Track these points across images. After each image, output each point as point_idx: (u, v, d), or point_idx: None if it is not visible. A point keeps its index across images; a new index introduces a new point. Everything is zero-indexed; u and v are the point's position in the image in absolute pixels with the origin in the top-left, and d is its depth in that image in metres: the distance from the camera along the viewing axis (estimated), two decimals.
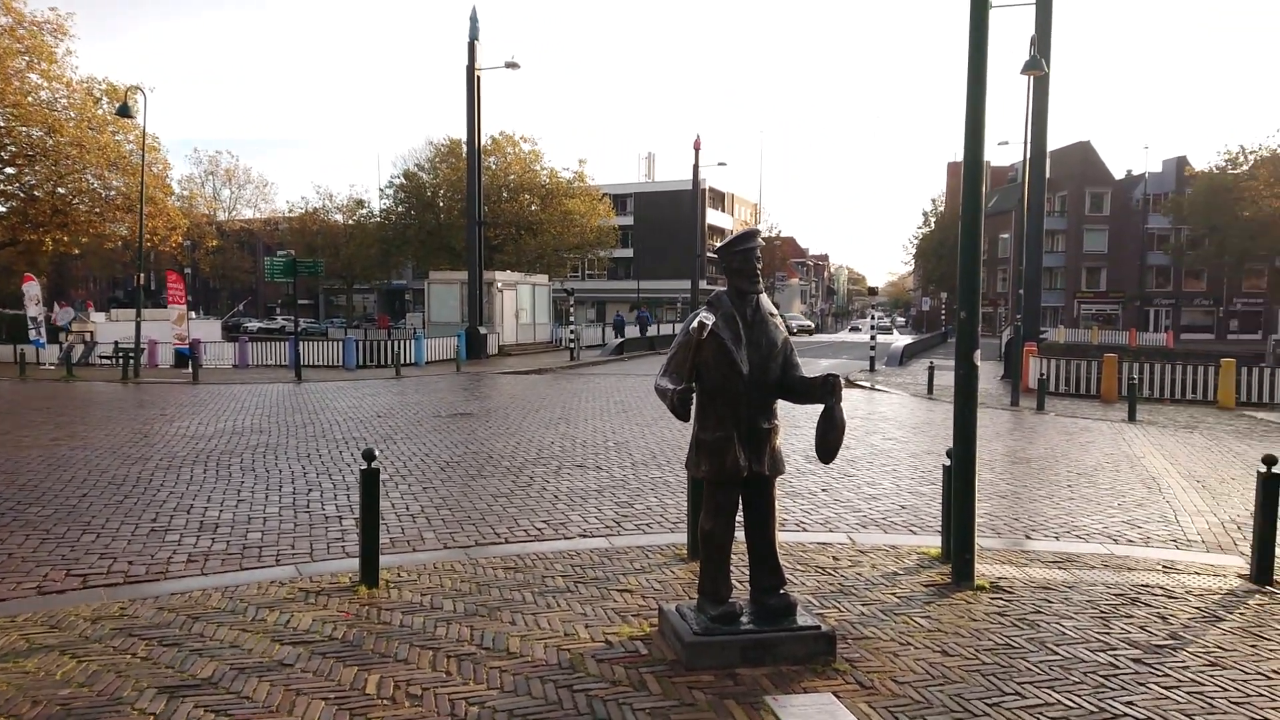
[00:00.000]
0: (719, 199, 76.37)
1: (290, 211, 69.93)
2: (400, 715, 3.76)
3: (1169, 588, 5.95)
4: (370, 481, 5.46)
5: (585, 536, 6.98)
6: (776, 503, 4.69)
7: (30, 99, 30.76)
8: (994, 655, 4.66)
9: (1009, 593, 5.74)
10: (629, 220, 71.29)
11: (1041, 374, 18.74)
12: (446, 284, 33.98)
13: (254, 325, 64.01)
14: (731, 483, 4.49)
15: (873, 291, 30.24)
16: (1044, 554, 6.77)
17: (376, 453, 5.54)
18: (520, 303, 34.54)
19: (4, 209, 34.48)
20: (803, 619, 4.60)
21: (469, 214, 31.88)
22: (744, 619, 4.57)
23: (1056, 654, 4.69)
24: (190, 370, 23.98)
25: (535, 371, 25.29)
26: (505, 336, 33.10)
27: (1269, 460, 6.08)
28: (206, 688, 4.00)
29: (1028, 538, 7.32)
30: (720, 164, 52.36)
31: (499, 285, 33.04)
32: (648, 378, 23.08)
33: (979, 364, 5.94)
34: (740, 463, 4.44)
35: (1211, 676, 4.43)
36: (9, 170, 32.84)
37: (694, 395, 4.32)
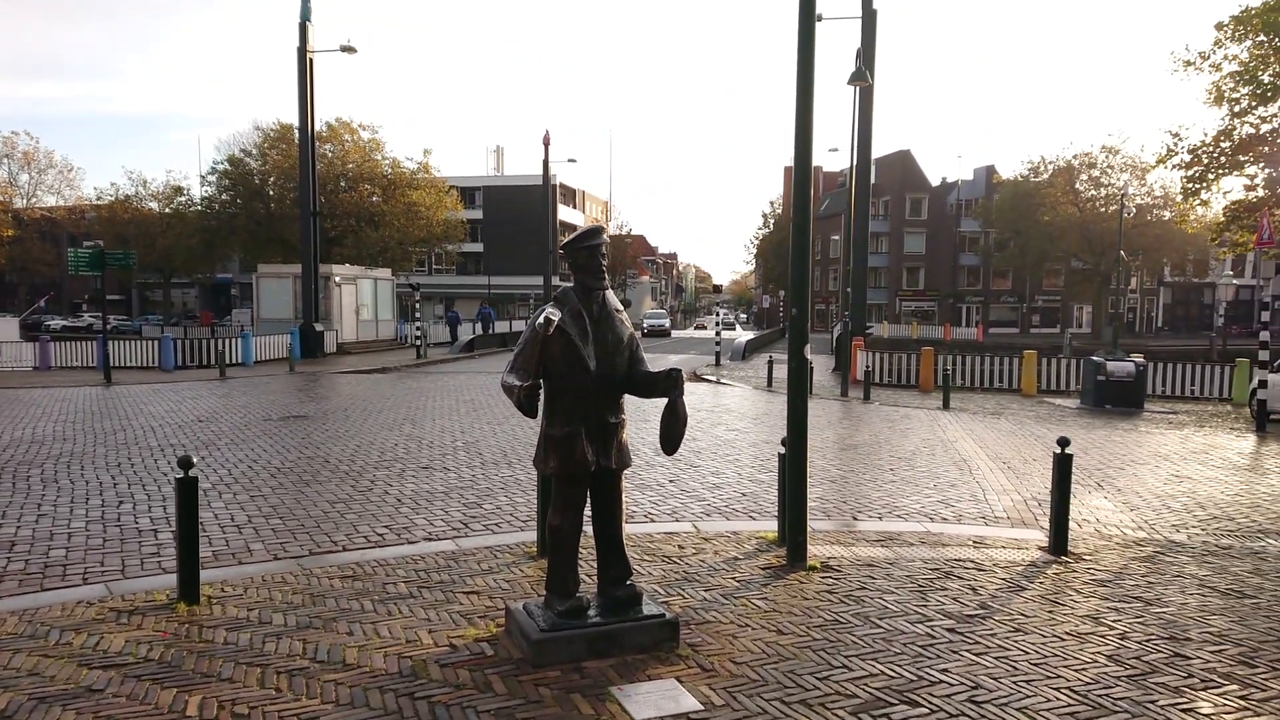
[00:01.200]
0: (570, 195, 76.40)
1: (99, 199, 63.94)
2: None
3: (979, 561, 6.49)
4: (187, 491, 5.10)
5: (431, 540, 6.81)
6: (624, 495, 4.75)
7: None
8: (824, 631, 4.92)
9: (838, 571, 6.09)
10: (478, 214, 70.02)
11: (868, 366, 19.94)
12: (278, 278, 32.17)
13: (57, 323, 58.26)
14: (580, 478, 4.52)
15: (717, 289, 31.43)
16: (869, 533, 7.22)
17: (195, 460, 5.17)
18: (361, 298, 33.19)
19: None
20: (648, 608, 4.69)
21: (302, 204, 30.33)
22: (591, 612, 4.60)
23: (880, 627, 5.02)
24: None
25: (378, 370, 24.40)
26: (345, 334, 31.72)
27: (1063, 442, 6.75)
28: None
29: (855, 519, 7.78)
30: (570, 160, 52.35)
31: (337, 279, 31.61)
32: (499, 375, 22.77)
33: (810, 358, 6.25)
34: (588, 458, 4.47)
35: (1016, 641, 4.88)
36: None
37: (541, 391, 4.30)
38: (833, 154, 66.41)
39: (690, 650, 4.58)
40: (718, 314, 31.15)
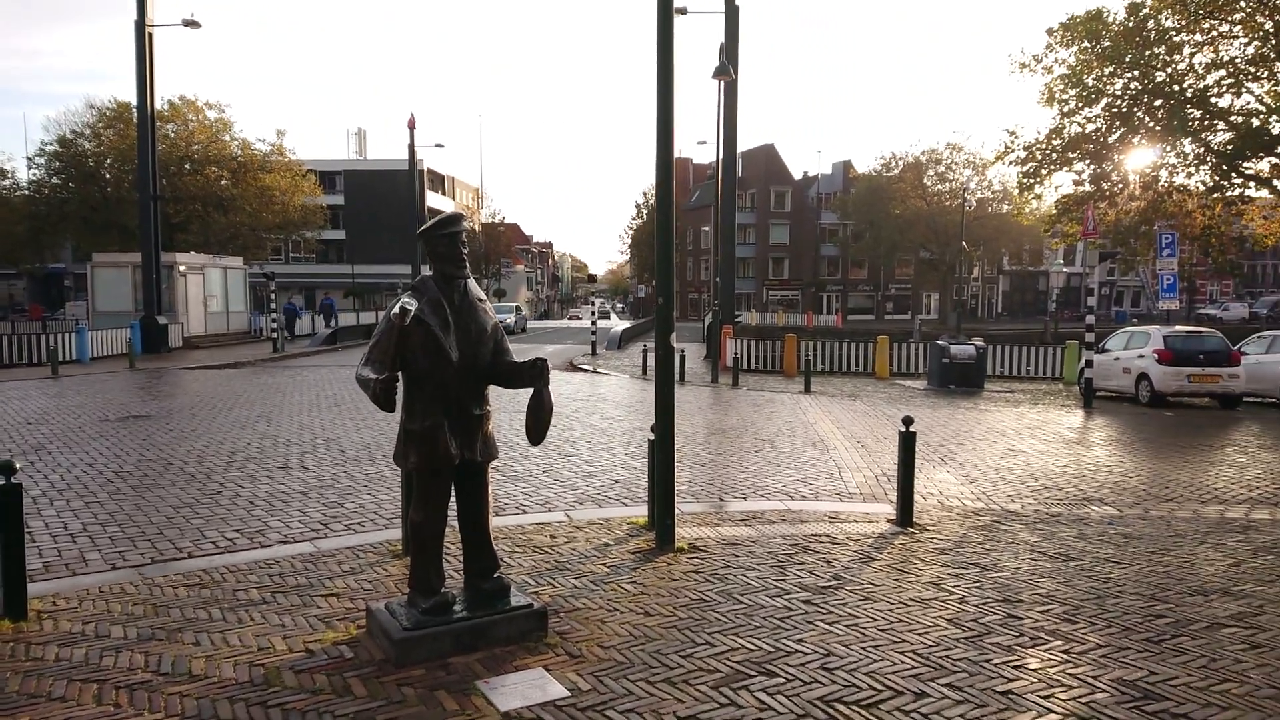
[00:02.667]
0: (439, 181, 74.46)
1: None
2: None
3: (833, 535, 6.82)
4: (9, 499, 4.68)
5: (286, 543, 6.52)
6: (495, 488, 4.70)
7: None
8: (689, 610, 5.05)
9: (704, 552, 6.25)
10: (339, 199, 67.15)
11: (736, 354, 20.51)
12: (116, 267, 29.87)
13: None
14: (443, 472, 4.43)
15: (592, 279, 31.55)
16: (734, 514, 7.45)
17: (21, 465, 4.75)
18: (209, 288, 31.26)
19: None
20: (516, 599, 4.67)
21: (140, 187, 28.23)
22: (458, 608, 4.54)
23: (741, 603, 5.19)
24: None
25: (230, 366, 23.09)
26: (192, 327, 29.82)
27: (907, 420, 7.17)
28: None
29: (721, 500, 8.01)
30: (438, 145, 50.90)
31: (182, 269, 29.64)
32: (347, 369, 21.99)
33: (679, 346, 6.38)
34: (451, 451, 4.40)
35: (866, 610, 5.15)
36: None
37: (398, 384, 4.19)
38: (701, 146, 67.86)
39: (559, 638, 4.60)
40: (593, 304, 31.19)
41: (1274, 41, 21.86)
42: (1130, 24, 23.65)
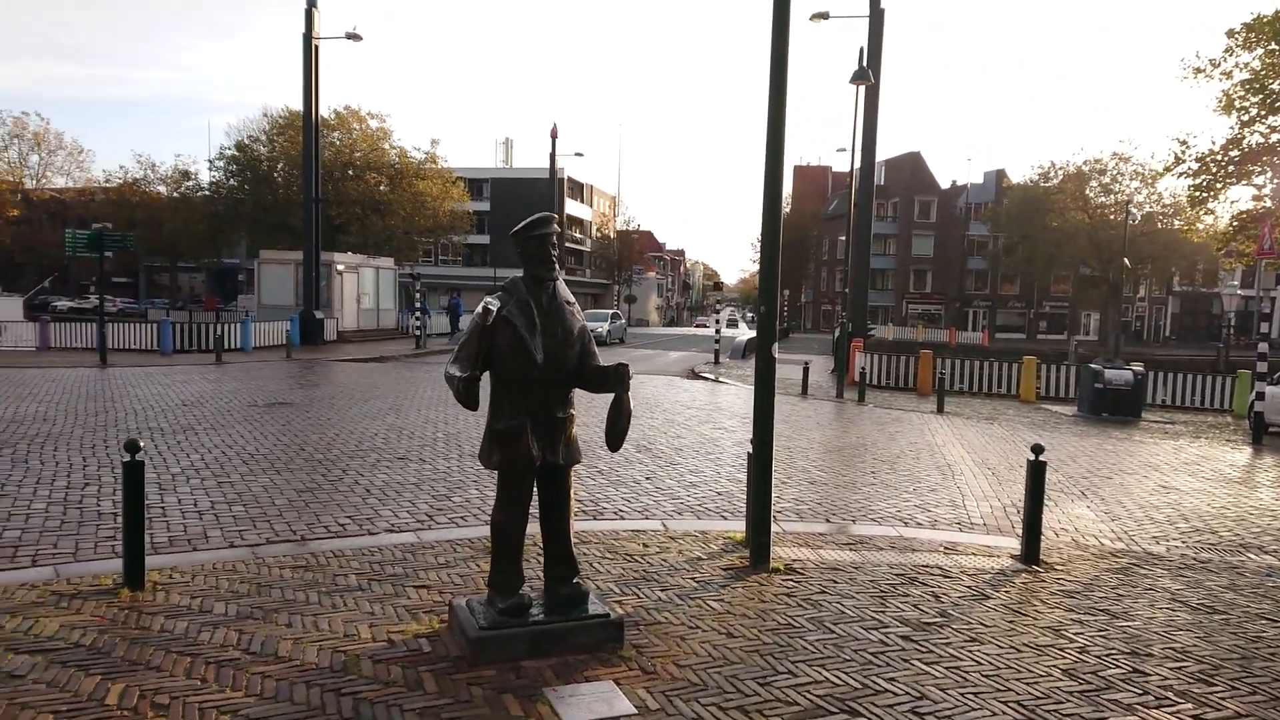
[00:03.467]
0: (578, 189, 76.25)
1: (108, 182, 64.16)
2: None
3: (946, 568, 6.37)
4: (133, 475, 5.01)
5: (392, 531, 6.72)
6: (574, 491, 4.65)
7: None
8: (775, 635, 4.82)
9: (800, 574, 5.98)
10: (485, 206, 69.91)
11: (864, 368, 19.80)
12: (280, 264, 32.15)
13: (64, 305, 58.40)
14: (524, 473, 4.42)
15: (718, 287, 31.24)
16: (840, 537, 7.11)
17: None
18: (363, 286, 33.15)
19: None
20: (594, 607, 4.60)
21: (305, 190, 30.27)
22: (535, 610, 4.51)
23: (833, 632, 4.91)
24: None
25: (374, 359, 24.36)
26: (345, 322, 31.70)
27: (1036, 449, 6.62)
28: None
29: (827, 521, 7.67)
30: (577, 154, 52.51)
31: (340, 267, 31.58)
32: None
33: (777, 356, 6.15)
34: (533, 452, 4.37)
35: (970, 651, 4.76)
36: None
37: (480, 383, 4.20)
38: (840, 154, 66.08)
39: (635, 651, 4.48)
40: (718, 311, 30.96)
41: None
42: None
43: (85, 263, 74.32)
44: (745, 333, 50.86)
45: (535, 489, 4.55)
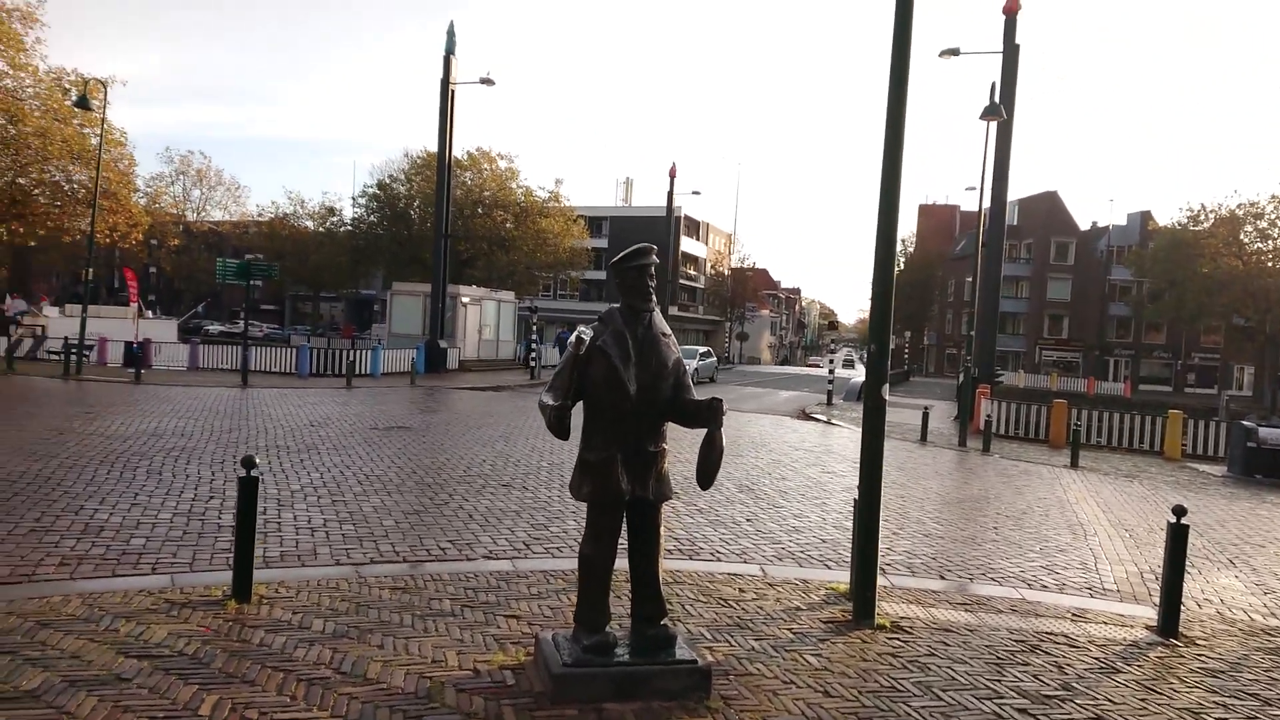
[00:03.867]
0: (694, 227, 76.76)
1: (260, 216, 69.22)
2: None
3: (1073, 636, 5.85)
4: (248, 490, 5.22)
5: (490, 558, 6.75)
6: (663, 529, 4.52)
7: None
8: (876, 698, 4.50)
9: (908, 633, 5.61)
10: (603, 243, 71.28)
11: (990, 416, 18.80)
12: (411, 295, 33.63)
13: (215, 329, 62.95)
14: (613, 506, 4.33)
15: (833, 326, 30.49)
16: (954, 595, 6.66)
17: (259, 461, 5.30)
18: (485, 318, 34.26)
19: None
20: (682, 652, 4.42)
21: (437, 226, 31.65)
22: (620, 650, 4.38)
23: (941, 700, 4.55)
24: (135, 370, 23.32)
25: (491, 388, 25.00)
26: (467, 351, 32.78)
27: (1179, 510, 6.03)
28: (27, 700, 3.73)
29: (941, 578, 7.21)
30: (695, 192, 52.87)
31: (464, 299, 32.76)
32: None
33: (888, 399, 5.85)
34: (623, 486, 4.28)
35: None
36: None
37: (571, 413, 4.15)
38: (969, 193, 63.86)
39: (722, 703, 4.27)
40: (833, 351, 30.25)
41: None
42: None
43: (236, 290, 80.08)
44: (861, 374, 49.59)
45: (625, 524, 4.45)
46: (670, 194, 45.90)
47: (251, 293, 25.97)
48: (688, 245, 74.17)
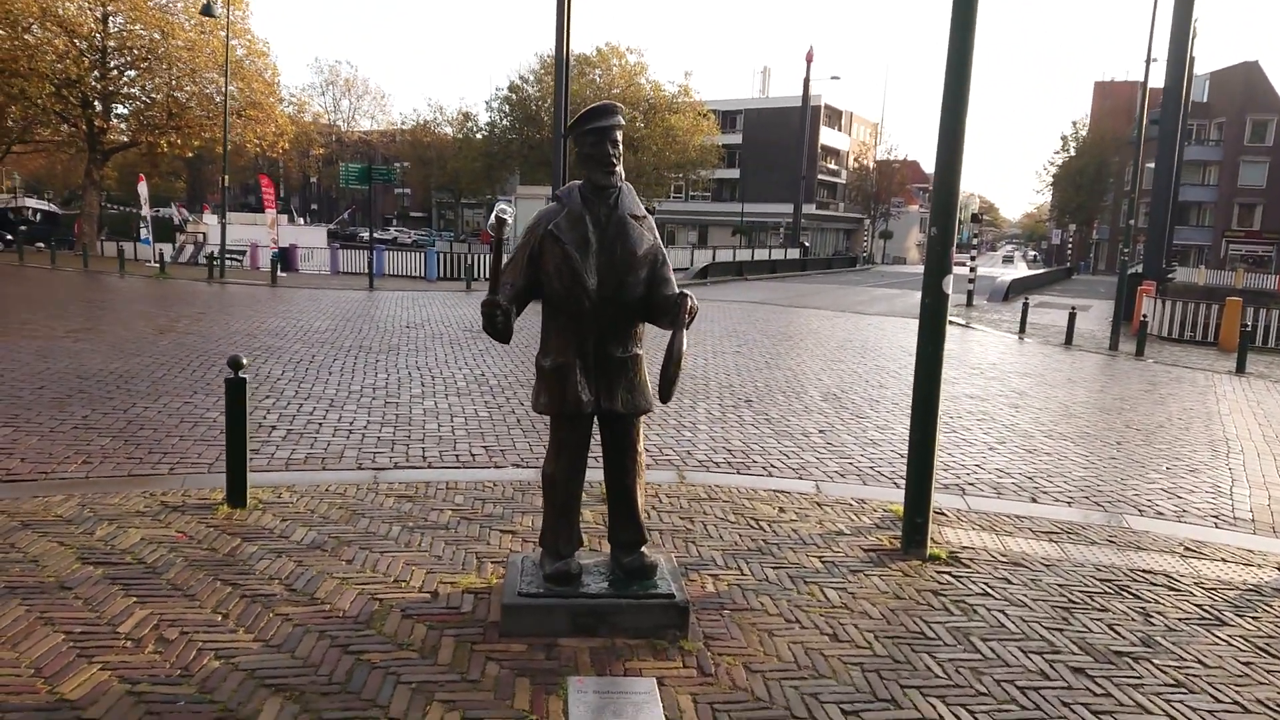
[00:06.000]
0: (835, 117, 72.31)
1: (403, 124, 70.96)
2: (129, 662, 3.28)
3: (1176, 575, 4.84)
4: (236, 392, 4.96)
5: (519, 466, 6.36)
6: (641, 444, 3.88)
7: (149, 2, 31.57)
8: (895, 645, 3.78)
9: (965, 566, 4.79)
10: (737, 139, 68.59)
11: (1145, 316, 16.70)
12: (533, 199, 33.44)
13: (365, 235, 65.85)
14: (574, 418, 3.72)
15: (975, 219, 27.71)
16: (1041, 521, 5.71)
17: (245, 361, 5.02)
18: None
19: (125, 111, 36.02)
20: (662, 584, 3.85)
21: (555, 127, 31.00)
22: (589, 580, 3.86)
23: (976, 652, 3.77)
24: (271, 274, 24.48)
25: None
26: None
27: None
28: None
29: (1034, 500, 6.24)
30: (834, 78, 49.81)
31: None
32: (723, 304, 22.09)
33: (949, 292, 4.86)
34: (583, 397, 3.66)
35: (1168, 701, 3.44)
36: (130, 73, 34.01)
37: (506, 310, 3.51)
38: (1153, 65, 56.60)
39: (702, 644, 3.69)
40: (974, 247, 27.88)
41: None
42: None
43: (388, 198, 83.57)
44: (1017, 272, 45.91)
45: (606, 439, 3.85)
46: (806, 81, 43.36)
47: (372, 197, 26.43)
48: (828, 137, 70.15)
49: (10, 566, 4.04)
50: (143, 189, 31.30)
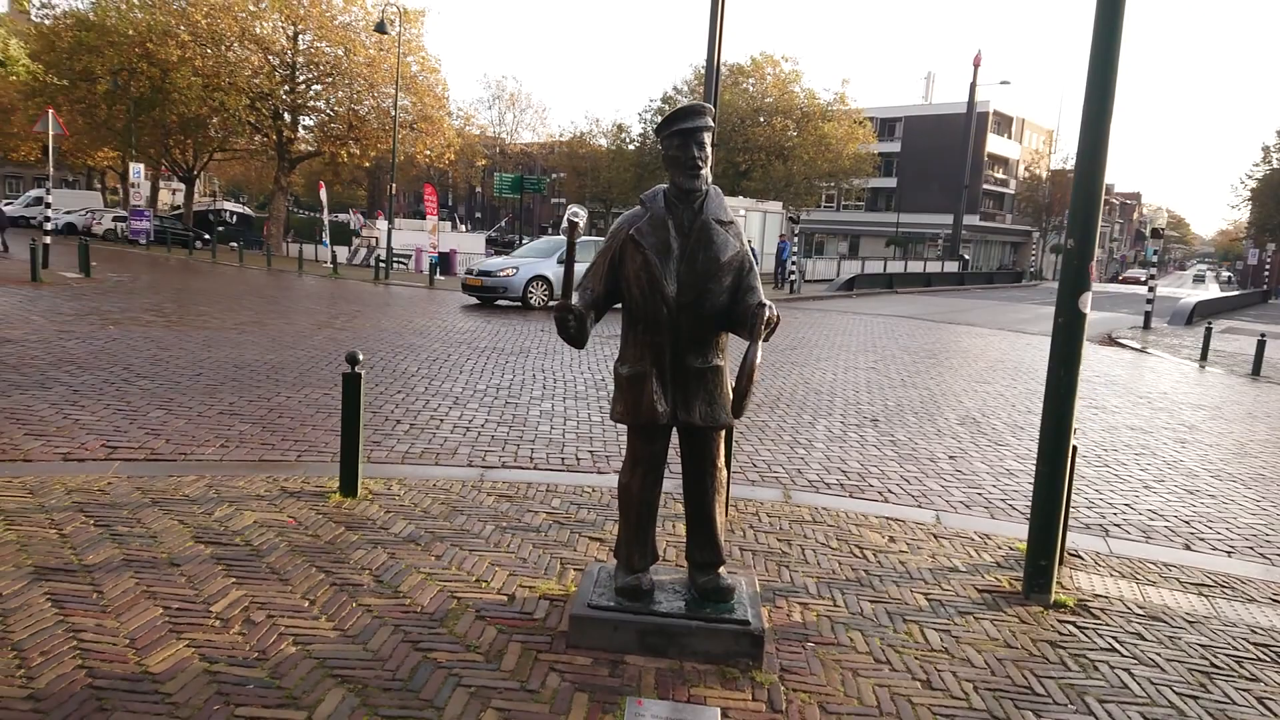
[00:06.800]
0: (1004, 123, 68.47)
1: (561, 136, 73.26)
2: (214, 641, 3.43)
3: None
4: (352, 387, 5.17)
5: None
6: (721, 460, 3.72)
7: (335, 21, 34.20)
8: (996, 699, 3.42)
9: (1092, 617, 4.30)
10: (895, 147, 66.27)
11: None
12: None
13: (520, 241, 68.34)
14: (649, 430, 3.60)
15: (1156, 234, 25.41)
16: (1192, 571, 5.07)
17: (361, 356, 5.22)
18: (749, 230, 33.44)
19: (311, 122, 39.08)
20: (740, 609, 3.66)
21: None
22: (663, 597, 3.72)
23: (1091, 715, 3.36)
24: (429, 276, 25.80)
25: None
26: None
27: None
28: (80, 574, 3.93)
29: (1187, 547, 5.56)
30: (1003, 83, 46.95)
31: None
32: (865, 317, 21.34)
33: (1086, 311, 4.39)
34: (659, 407, 3.53)
35: None
36: (316, 88, 36.92)
37: (579, 315, 3.43)
38: None
39: (776, 677, 3.47)
40: (1153, 264, 25.59)
41: None
42: None
43: (545, 206, 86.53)
44: (1205, 293, 41.81)
45: (685, 453, 3.72)
46: (973, 86, 41.39)
47: (522, 205, 27.37)
48: (995, 145, 66.51)
49: (132, 540, 4.35)
50: (323, 195, 33.86)
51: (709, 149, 3.52)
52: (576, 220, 3.30)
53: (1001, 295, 36.70)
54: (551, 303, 14.35)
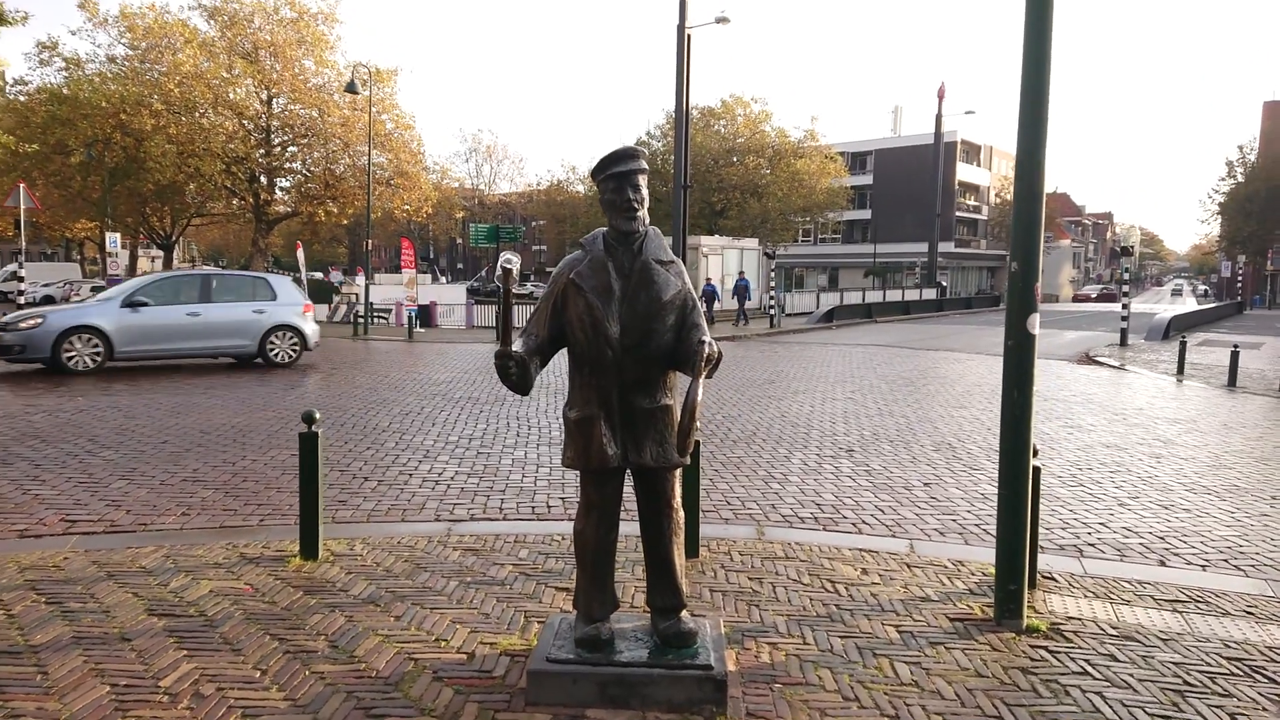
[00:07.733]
0: (973, 151, 69.71)
1: (539, 184, 73.99)
2: (160, 717, 3.32)
3: None
4: (309, 446, 5.10)
5: None
6: (677, 501, 3.67)
7: (308, 84, 34.57)
8: None
9: (1066, 640, 4.24)
10: (868, 180, 67.28)
11: None
12: None
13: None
14: (600, 474, 3.56)
15: (1125, 252, 25.71)
16: (1167, 588, 5.03)
17: (318, 415, 5.17)
18: (726, 268, 33.69)
19: (287, 184, 39.27)
20: (703, 654, 3.59)
21: (675, 178, 31.43)
22: (623, 646, 3.64)
23: None
24: (407, 330, 25.75)
25: (727, 338, 24.46)
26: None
27: None
28: (26, 654, 3.81)
29: (1162, 563, 5.52)
30: (968, 112, 48.18)
31: (704, 250, 32.44)
32: (844, 347, 21.42)
33: (1035, 332, 4.40)
34: (608, 450, 3.50)
35: None
36: (291, 149, 37.18)
37: (521, 361, 3.42)
38: None
39: None
40: (1125, 282, 25.94)
41: None
42: None
43: (525, 256, 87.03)
44: (1182, 308, 42.31)
45: (639, 495, 3.67)
46: (938, 118, 42.18)
47: (499, 254, 27.55)
48: (965, 173, 67.63)
49: (84, 616, 4.24)
50: (300, 255, 33.90)
51: (644, 191, 3.54)
52: (509, 267, 3.29)
53: (979, 320, 36.99)
54: (109, 363, 13.48)
